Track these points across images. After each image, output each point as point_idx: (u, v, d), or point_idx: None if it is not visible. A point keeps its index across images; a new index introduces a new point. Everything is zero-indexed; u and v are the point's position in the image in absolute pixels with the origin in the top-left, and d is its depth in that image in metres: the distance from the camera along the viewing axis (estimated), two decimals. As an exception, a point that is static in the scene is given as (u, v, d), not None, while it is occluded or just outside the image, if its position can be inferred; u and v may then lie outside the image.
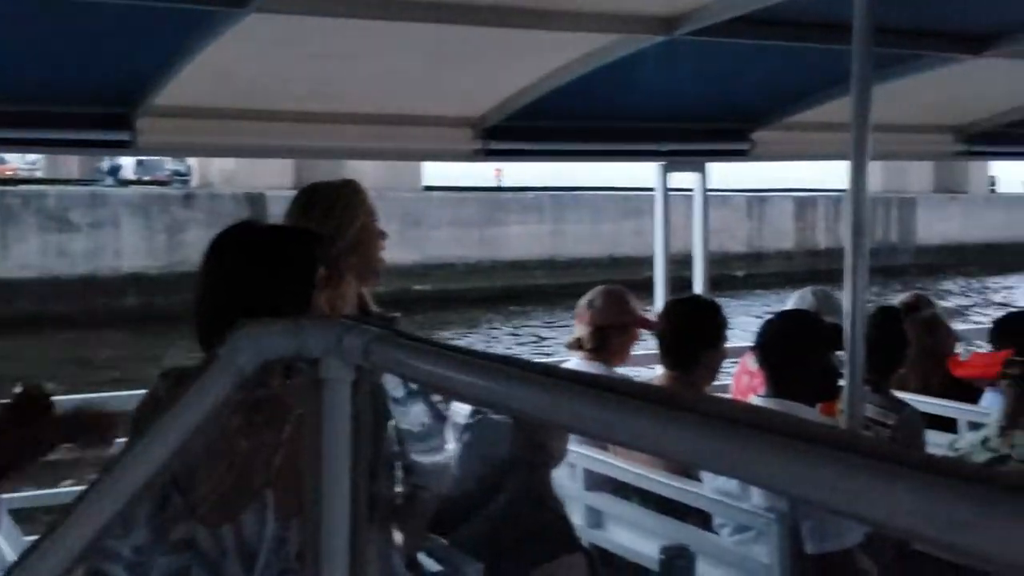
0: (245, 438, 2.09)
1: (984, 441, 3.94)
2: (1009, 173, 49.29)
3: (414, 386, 2.65)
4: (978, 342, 6.09)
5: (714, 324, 4.09)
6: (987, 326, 5.30)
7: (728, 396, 4.64)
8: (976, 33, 4.51)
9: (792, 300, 4.96)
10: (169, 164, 31.95)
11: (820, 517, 3.16)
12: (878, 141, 3.59)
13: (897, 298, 5.53)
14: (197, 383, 1.18)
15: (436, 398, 2.72)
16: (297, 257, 2.39)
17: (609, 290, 4.44)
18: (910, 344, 4.86)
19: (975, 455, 3.91)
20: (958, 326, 6.17)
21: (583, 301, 4.43)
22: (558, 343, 13.96)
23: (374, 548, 1.19)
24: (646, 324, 4.49)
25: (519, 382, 0.95)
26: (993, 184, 45.48)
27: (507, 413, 2.33)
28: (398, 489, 2.51)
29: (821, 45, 4.09)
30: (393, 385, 2.67)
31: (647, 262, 5.55)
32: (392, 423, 2.57)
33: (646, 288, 5.39)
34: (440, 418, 2.85)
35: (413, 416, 2.76)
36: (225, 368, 1.16)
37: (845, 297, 3.35)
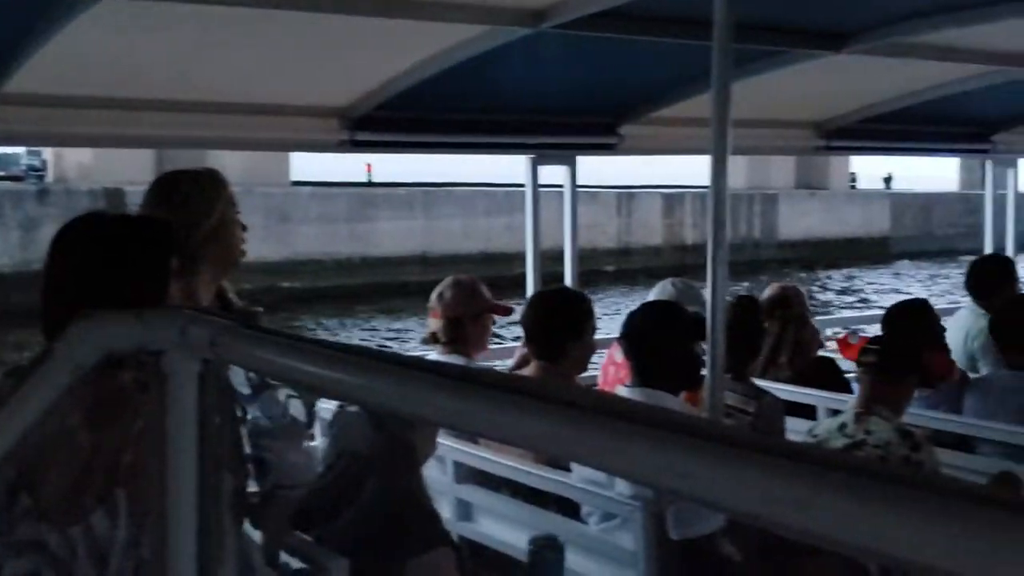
0: (88, 434, 2.01)
1: (841, 427, 4.05)
2: (869, 170, 51.06)
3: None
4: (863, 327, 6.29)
5: (580, 314, 4.12)
6: (850, 315, 5.47)
7: (596, 387, 4.70)
8: (835, 30, 4.65)
9: (654, 292, 5.06)
10: (24, 159, 30.77)
11: (683, 504, 3.22)
12: (740, 136, 3.66)
13: (766, 291, 5.66)
14: (33, 377, 1.12)
15: (298, 392, 2.68)
16: (146, 247, 2.31)
17: (458, 280, 4.43)
18: (773, 334, 4.99)
19: (832, 441, 4.03)
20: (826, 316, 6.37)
21: (434, 294, 4.41)
22: (430, 337, 13.78)
23: (227, 547, 1.15)
24: (499, 310, 4.50)
25: (369, 373, 0.93)
26: (854, 180, 47.03)
27: (359, 404, 2.30)
28: (256, 487, 2.46)
29: (683, 41, 4.15)
30: (251, 378, 2.61)
31: (520, 258, 5.57)
32: (249, 417, 2.52)
33: (519, 284, 5.41)
34: (304, 412, 2.79)
35: (273, 410, 2.71)
36: (62, 361, 1.11)
37: (707, 289, 3.41)
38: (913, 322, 4.96)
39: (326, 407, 3.09)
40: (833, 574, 3.45)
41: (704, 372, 3.58)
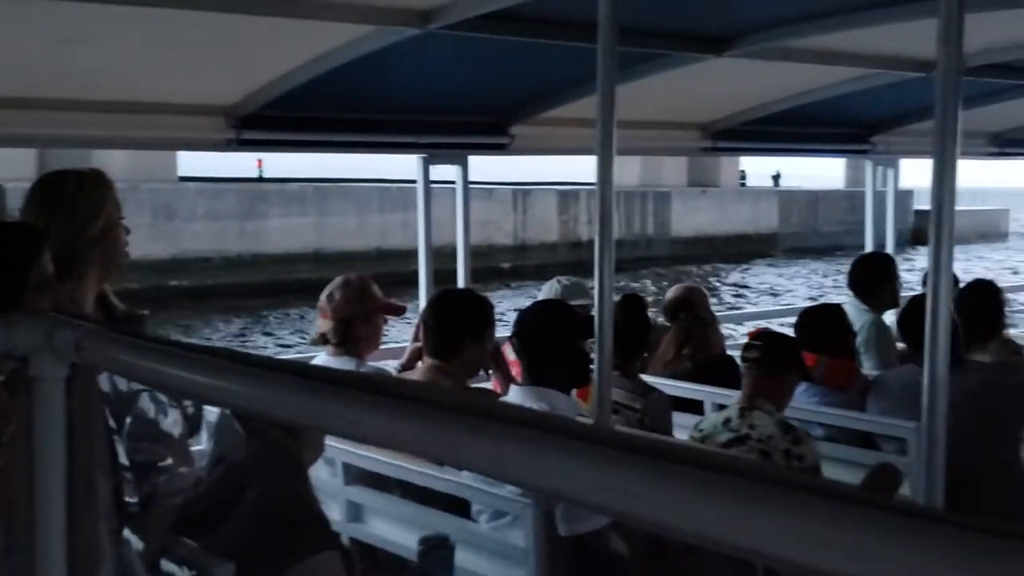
0: None
1: (726, 422, 4.15)
2: (758, 168, 52.23)
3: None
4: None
5: (480, 317, 4.12)
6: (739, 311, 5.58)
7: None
8: (716, 35, 4.75)
9: (543, 290, 5.11)
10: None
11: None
12: (628, 137, 3.72)
13: (670, 292, 5.75)
14: None
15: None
16: (8, 254, 2.26)
17: (349, 280, 4.38)
18: (676, 333, 5.09)
19: (717, 435, 4.12)
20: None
21: (323, 295, 4.36)
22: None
23: (100, 554, 1.14)
24: (391, 310, 4.48)
25: (231, 375, 0.93)
26: (743, 178, 48.05)
27: (223, 407, 2.28)
28: (136, 493, 2.42)
29: (569, 43, 4.20)
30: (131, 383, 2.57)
31: (415, 255, 5.57)
32: (129, 421, 2.48)
33: (415, 281, 5.41)
34: (188, 415, 2.76)
35: (155, 413, 2.67)
36: (-78, 368, 1.08)
37: (595, 286, 3.45)
38: (820, 327, 5.00)
39: (212, 410, 3.05)
40: (719, 568, 3.54)
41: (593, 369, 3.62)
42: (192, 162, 29.65)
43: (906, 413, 4.27)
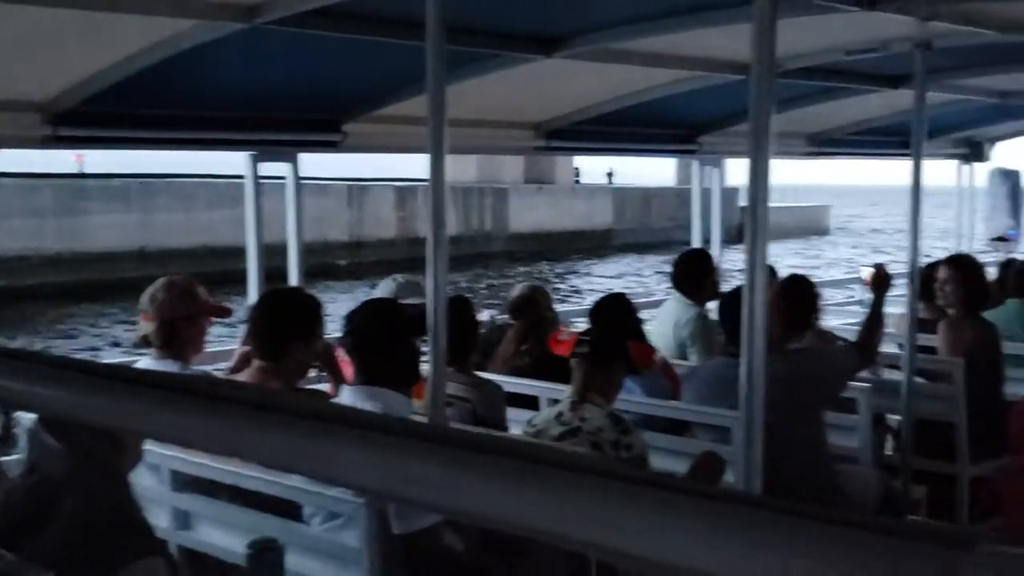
0: None
1: (558, 416, 4.22)
2: (592, 165, 53.14)
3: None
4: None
5: (310, 317, 4.07)
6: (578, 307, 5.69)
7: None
8: (545, 35, 4.82)
9: (379, 287, 5.10)
10: None
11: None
12: (459, 135, 3.74)
13: (514, 291, 5.79)
14: None
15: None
16: None
17: (173, 281, 4.28)
18: (518, 330, 5.15)
19: (550, 429, 4.19)
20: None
21: (145, 296, 4.24)
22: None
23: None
24: (217, 312, 4.39)
25: (43, 380, 0.90)
26: (578, 176, 48.81)
27: (35, 412, 2.20)
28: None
29: (398, 41, 4.20)
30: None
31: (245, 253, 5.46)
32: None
33: (244, 279, 5.31)
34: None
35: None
36: None
37: (428, 283, 3.46)
38: (616, 314, 5.21)
39: (28, 417, 2.93)
40: (552, 561, 3.60)
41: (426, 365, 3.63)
42: (4, 157, 28.16)
43: (718, 402, 4.46)
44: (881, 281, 5.18)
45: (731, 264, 7.28)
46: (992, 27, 4.94)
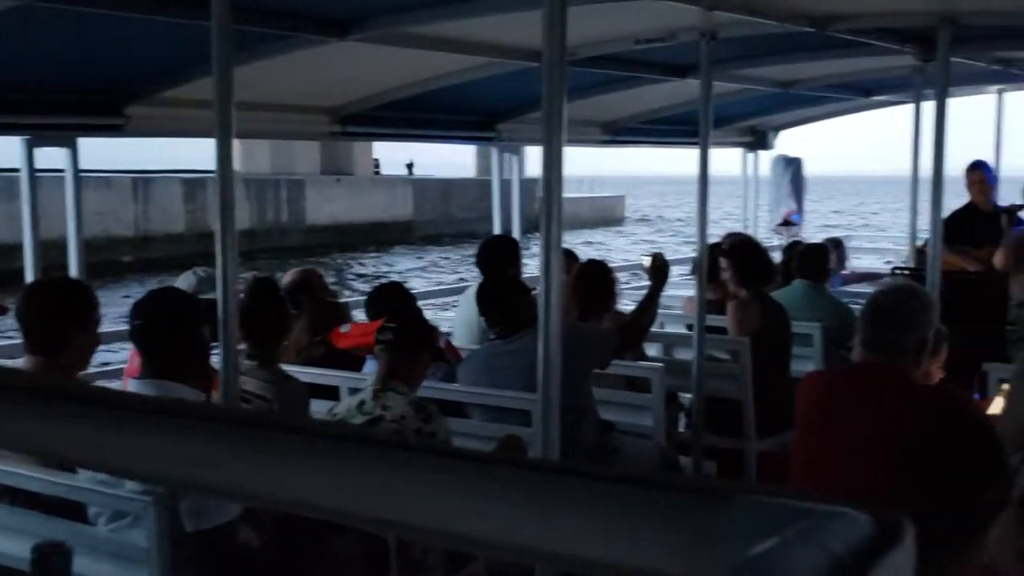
0: None
1: (360, 404, 4.17)
2: (392, 156, 52.93)
3: None
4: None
5: (84, 305, 3.86)
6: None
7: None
8: (337, 17, 4.74)
9: (179, 281, 4.90)
10: None
11: (197, 495, 3.14)
12: (249, 119, 3.63)
13: (285, 276, 5.67)
14: None
15: None
16: None
17: None
18: (302, 318, 5.02)
19: (351, 419, 4.13)
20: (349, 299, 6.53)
21: None
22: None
23: None
24: None
25: None
26: (378, 167, 48.52)
27: None
28: None
29: (183, 20, 4.03)
30: None
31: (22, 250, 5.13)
32: None
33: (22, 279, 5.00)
34: None
35: None
36: None
37: (218, 275, 3.35)
38: (393, 303, 5.16)
39: None
40: (349, 550, 3.55)
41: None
42: None
43: (485, 382, 4.51)
44: (658, 269, 5.34)
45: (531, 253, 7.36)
46: (773, 17, 5.15)
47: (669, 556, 0.48)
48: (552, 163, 2.90)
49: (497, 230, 7.90)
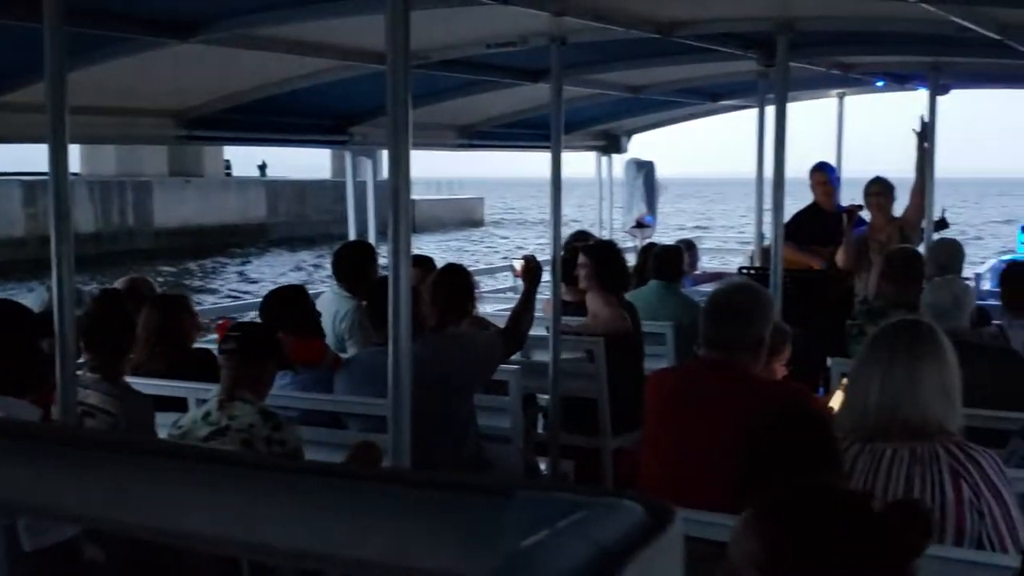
0: None
1: (206, 415, 4.08)
2: (244, 157, 51.90)
3: None
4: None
5: None
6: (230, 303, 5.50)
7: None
8: (179, 20, 4.62)
9: (30, 299, 4.70)
10: None
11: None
12: (90, 125, 3.51)
13: (115, 284, 5.51)
14: None
15: None
16: None
17: None
18: (142, 327, 4.87)
19: (197, 430, 4.04)
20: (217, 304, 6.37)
21: None
22: None
23: None
24: None
25: None
26: (229, 168, 47.54)
27: None
28: None
29: (15, 23, 3.87)
30: None
31: None
32: None
33: None
34: None
35: None
36: None
37: (53, 282, 3.23)
38: (285, 308, 5.10)
39: None
40: (202, 566, 3.47)
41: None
42: None
43: (370, 392, 4.48)
44: (531, 271, 5.37)
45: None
46: (621, 23, 5.25)
47: (443, 554, 0.49)
48: (399, 167, 2.89)
49: (352, 234, 7.83)
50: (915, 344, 2.90)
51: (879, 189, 7.76)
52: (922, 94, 7.98)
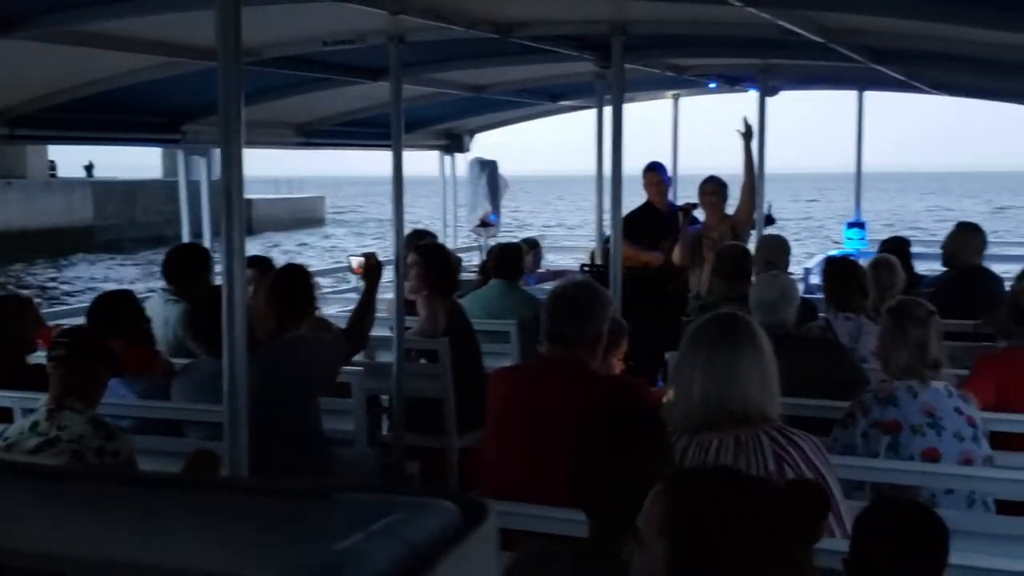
0: None
1: (33, 426, 3.92)
2: (70, 158, 50.04)
3: None
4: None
5: None
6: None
7: None
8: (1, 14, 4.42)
9: None
10: None
11: None
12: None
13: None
14: None
15: None
16: None
17: None
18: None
19: (24, 441, 3.88)
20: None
21: None
22: None
23: None
24: None
25: None
26: (53, 169, 45.72)
27: None
28: None
29: None
30: None
31: None
32: None
33: None
34: None
35: None
36: None
37: None
38: (114, 314, 4.93)
39: None
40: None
41: None
42: None
43: (212, 398, 4.36)
44: (372, 269, 5.31)
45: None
46: (459, 23, 5.25)
47: (259, 560, 0.48)
48: (232, 166, 2.83)
49: (186, 235, 7.63)
50: (731, 336, 3.00)
51: (712, 188, 8.01)
52: (754, 95, 8.27)
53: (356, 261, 5.55)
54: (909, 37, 5.72)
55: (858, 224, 11.03)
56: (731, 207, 8.27)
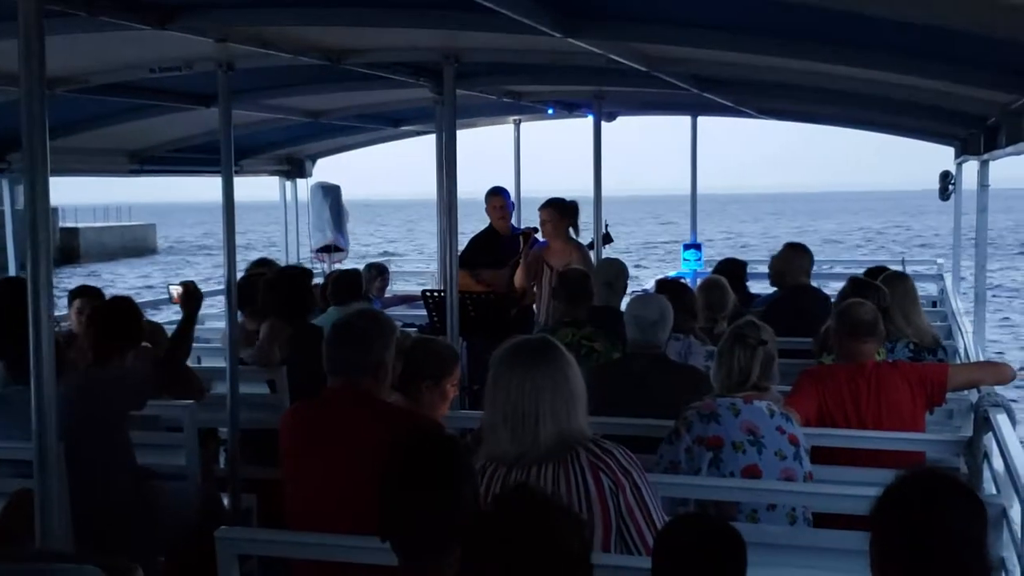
0: None
1: None
2: None
3: None
4: None
5: None
6: None
7: None
8: None
9: None
10: None
11: None
12: None
13: None
14: None
15: None
16: None
17: None
18: None
19: None
20: None
21: None
22: None
23: None
24: None
25: None
26: None
27: None
28: None
29: None
30: None
31: None
32: None
33: None
34: None
35: None
36: None
37: None
38: None
39: None
40: None
41: None
42: None
43: (19, 433, 4.19)
44: (191, 295, 5.17)
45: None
46: (288, 50, 5.21)
47: None
48: (36, 197, 2.74)
49: (13, 266, 7.35)
50: (536, 359, 3.01)
51: (547, 215, 8.02)
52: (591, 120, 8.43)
53: (176, 290, 5.39)
54: (732, 66, 5.93)
55: (694, 246, 11.34)
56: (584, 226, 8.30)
